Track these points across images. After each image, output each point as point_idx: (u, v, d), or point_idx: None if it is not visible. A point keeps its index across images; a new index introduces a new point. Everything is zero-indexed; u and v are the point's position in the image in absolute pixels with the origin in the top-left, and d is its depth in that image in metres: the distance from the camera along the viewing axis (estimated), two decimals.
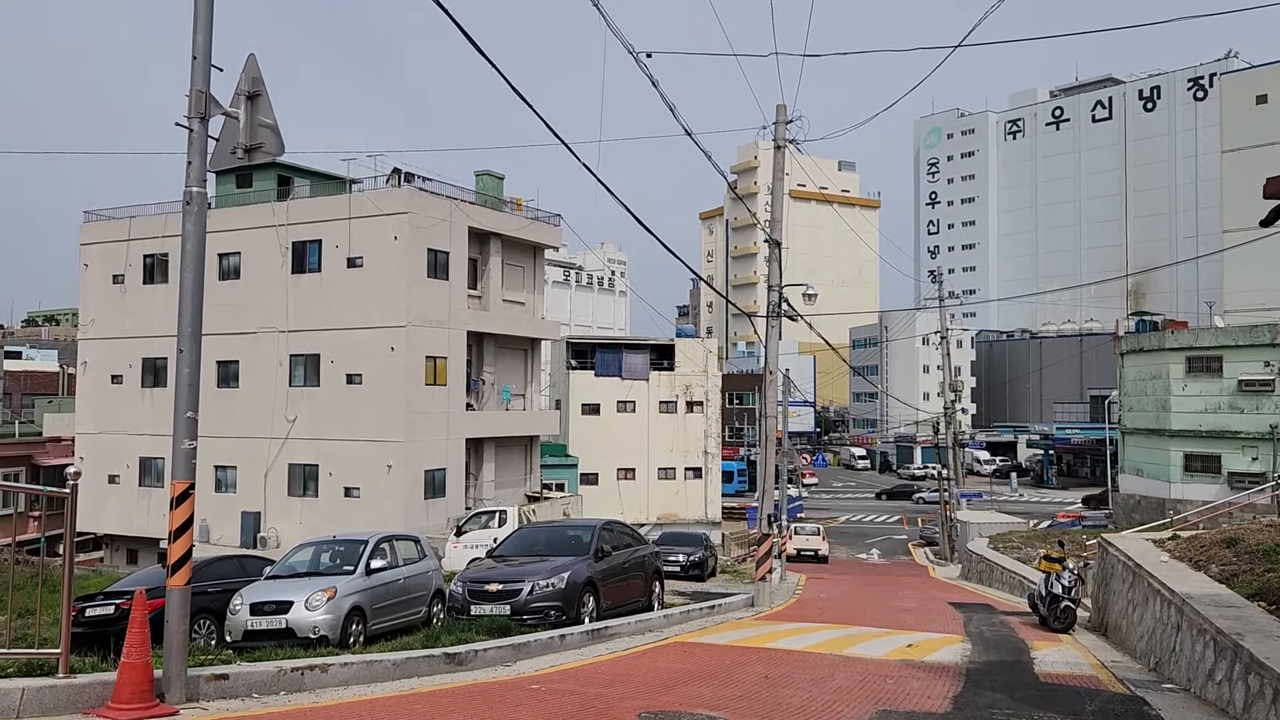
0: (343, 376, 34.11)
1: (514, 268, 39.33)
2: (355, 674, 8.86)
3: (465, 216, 35.78)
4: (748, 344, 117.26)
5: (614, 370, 55.64)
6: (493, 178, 40.27)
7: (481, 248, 37.49)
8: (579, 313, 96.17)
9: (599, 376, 55.56)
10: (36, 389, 76.51)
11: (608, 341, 60.70)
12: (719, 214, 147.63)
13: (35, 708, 6.24)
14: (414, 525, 29.28)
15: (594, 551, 14.73)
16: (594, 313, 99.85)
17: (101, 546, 39.84)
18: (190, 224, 7.52)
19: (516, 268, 39.53)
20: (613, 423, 55.15)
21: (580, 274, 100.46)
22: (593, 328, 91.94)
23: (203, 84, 7.36)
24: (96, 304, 39.94)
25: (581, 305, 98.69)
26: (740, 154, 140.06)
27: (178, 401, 7.39)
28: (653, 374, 56.35)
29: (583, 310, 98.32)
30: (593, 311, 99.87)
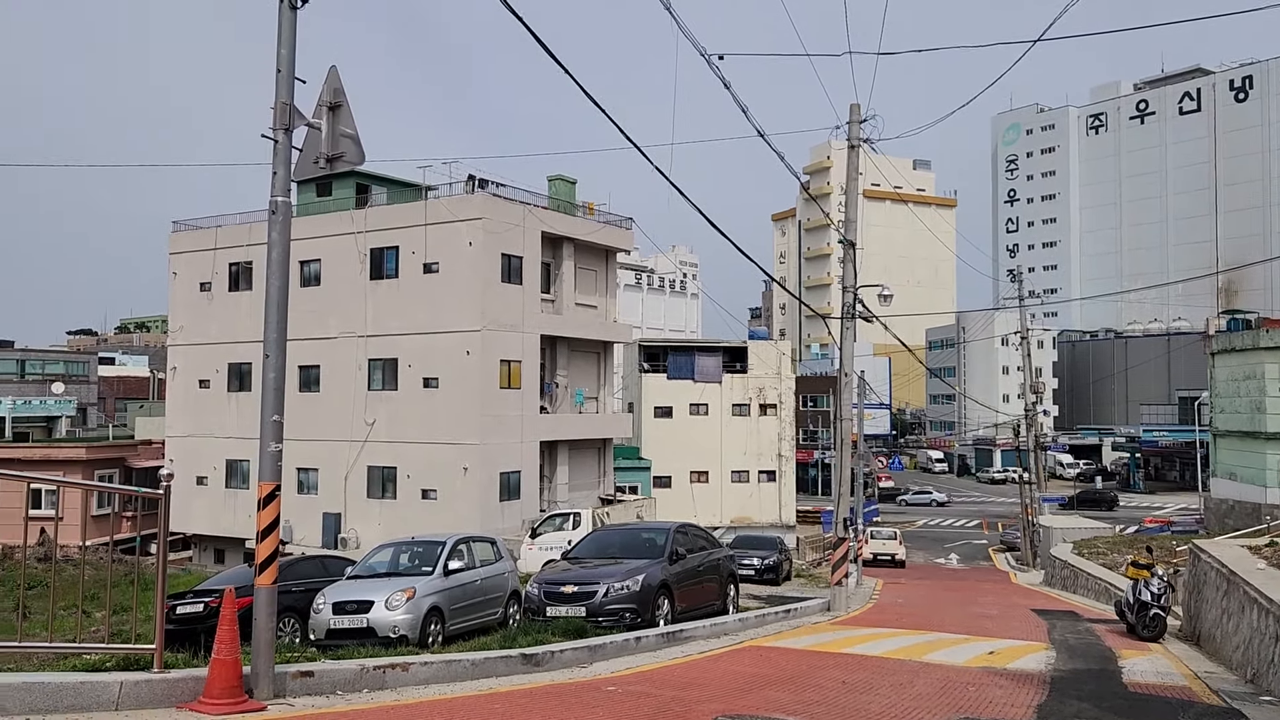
0: (420, 380, 34.68)
1: (586, 271, 39.57)
2: (435, 673, 8.99)
3: (538, 221, 36.11)
4: (821, 346, 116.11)
5: (686, 373, 55.58)
6: (565, 182, 40.58)
7: (554, 252, 37.79)
8: (651, 315, 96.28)
9: (671, 379, 55.56)
10: (129, 393, 79.44)
11: (680, 344, 60.68)
12: (791, 215, 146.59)
13: (132, 701, 6.47)
14: (489, 527, 29.63)
15: (668, 554, 14.72)
16: (666, 315, 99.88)
17: (190, 546, 41.09)
18: (276, 232, 7.71)
19: (589, 271, 39.76)
20: (685, 425, 55.09)
21: (652, 277, 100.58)
22: (665, 330, 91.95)
23: (287, 96, 7.56)
24: (185, 311, 41.28)
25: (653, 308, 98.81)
26: (813, 154, 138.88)
27: (264, 405, 7.59)
28: (725, 377, 56.14)
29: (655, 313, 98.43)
30: (665, 314, 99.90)
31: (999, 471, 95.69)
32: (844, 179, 21.28)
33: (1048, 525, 38.20)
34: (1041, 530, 39.55)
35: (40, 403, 61.08)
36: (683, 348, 58.57)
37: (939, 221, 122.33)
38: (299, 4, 7.59)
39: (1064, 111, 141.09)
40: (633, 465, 49.93)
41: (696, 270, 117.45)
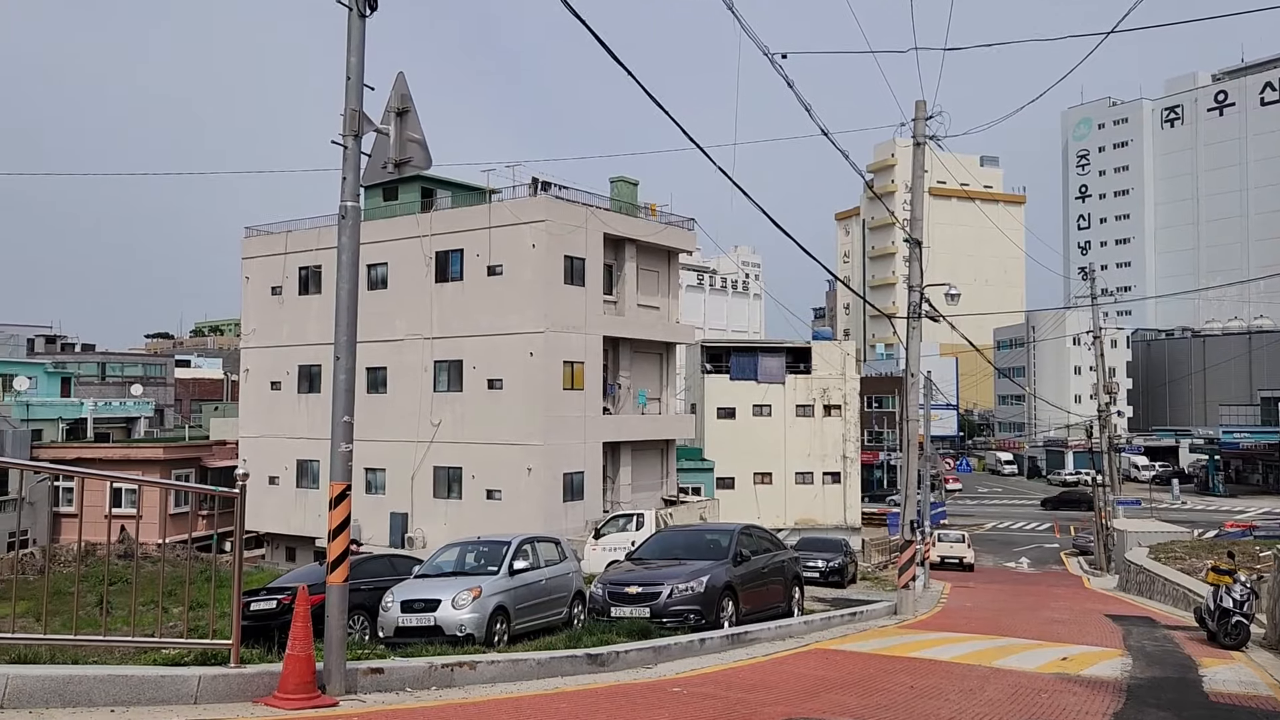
0: (484, 381, 35.04)
1: (648, 272, 39.61)
2: (502, 672, 9.07)
3: (600, 223, 36.25)
4: (886, 346, 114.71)
5: (749, 374, 55.33)
6: (627, 184, 40.68)
7: (616, 253, 37.90)
8: (713, 316, 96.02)
9: (734, 380, 55.35)
10: (203, 395, 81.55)
11: (743, 345, 60.42)
12: (855, 214, 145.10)
13: (210, 695, 6.63)
14: (553, 527, 29.82)
15: (733, 556, 14.66)
16: (728, 316, 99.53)
17: (263, 544, 42.05)
18: (345, 236, 7.85)
19: (651, 272, 39.80)
20: (749, 427, 54.86)
21: (714, 277, 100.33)
22: (727, 331, 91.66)
23: (356, 103, 7.69)
24: (257, 314, 42.26)
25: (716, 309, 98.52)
26: (877, 153, 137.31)
27: (335, 406, 7.73)
28: (789, 377, 55.77)
29: (717, 314, 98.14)
30: (727, 315, 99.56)
31: (1071, 474, 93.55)
32: (909, 177, 21.01)
33: (1122, 529, 37.24)
34: (1116, 534, 38.57)
35: (120, 404, 62.95)
36: (746, 348, 58.31)
37: (1007, 219, 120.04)
38: (367, 12, 7.72)
39: (1137, 105, 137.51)
40: (695, 466, 49.86)
41: (759, 270, 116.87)
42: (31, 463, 8.27)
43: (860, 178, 19.38)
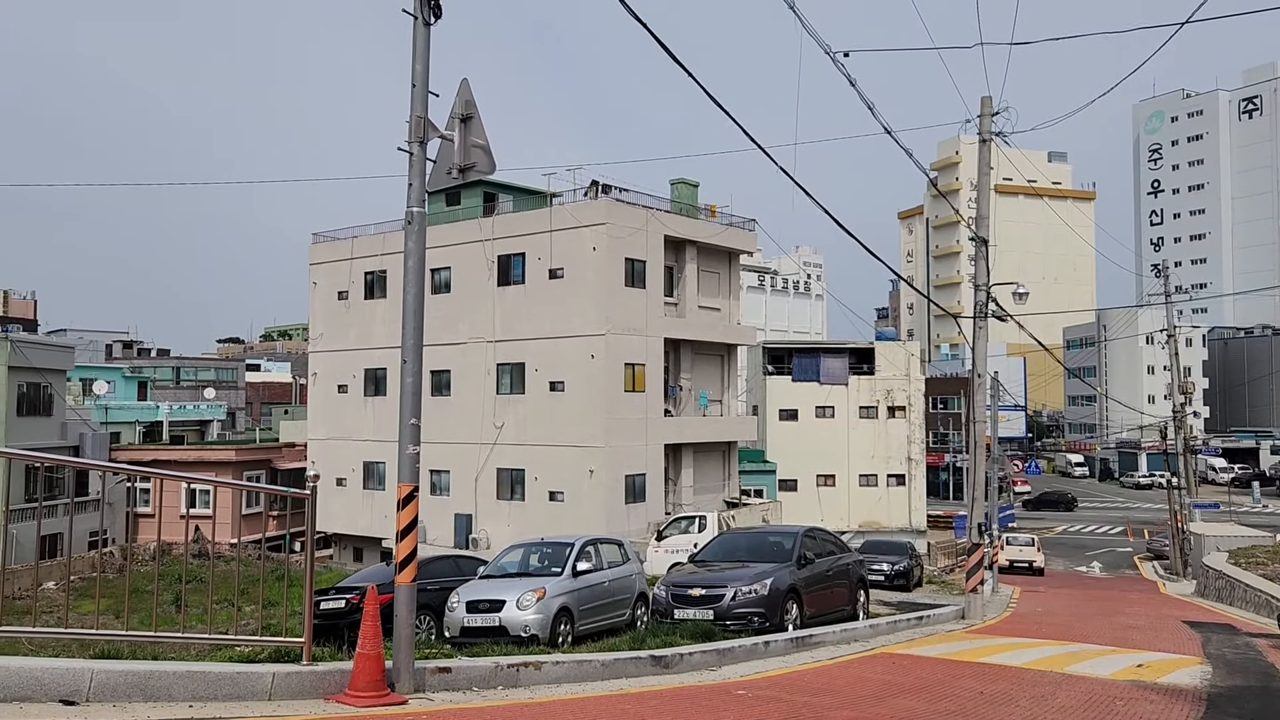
0: (546, 384, 35.27)
1: (709, 274, 39.54)
2: (566, 673, 9.12)
3: (661, 225, 36.28)
4: (951, 346, 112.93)
5: (812, 375, 54.89)
6: (687, 185, 40.65)
7: (677, 255, 37.90)
8: (774, 317, 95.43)
9: (796, 381, 54.95)
10: (273, 398, 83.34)
11: (805, 346, 59.96)
12: (918, 213, 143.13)
13: (284, 691, 6.78)
14: (615, 529, 29.90)
15: (796, 558, 14.56)
16: (790, 317, 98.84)
17: (330, 545, 42.83)
18: (412, 242, 7.96)
19: (712, 274, 39.72)
20: (811, 428, 54.42)
21: (775, 278, 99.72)
22: (789, 332, 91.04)
23: (421, 110, 7.81)
24: (324, 319, 43.08)
25: (777, 310, 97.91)
26: (940, 150, 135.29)
27: (402, 409, 7.85)
28: (852, 378, 55.21)
29: (778, 315, 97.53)
30: (788, 316, 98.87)
31: (1144, 476, 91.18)
32: (974, 174, 20.68)
33: (1199, 532, 36.16)
34: (1193, 538, 37.47)
35: (194, 407, 64.65)
36: (808, 349, 57.86)
37: (1076, 216, 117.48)
38: (432, 20, 7.82)
39: (1213, 96, 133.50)
40: (758, 468, 49.59)
41: (821, 271, 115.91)
42: (112, 464, 8.52)
43: (924, 175, 19.13)
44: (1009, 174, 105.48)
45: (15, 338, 40.77)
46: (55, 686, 5.58)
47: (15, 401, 39.56)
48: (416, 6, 7.76)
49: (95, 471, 41.68)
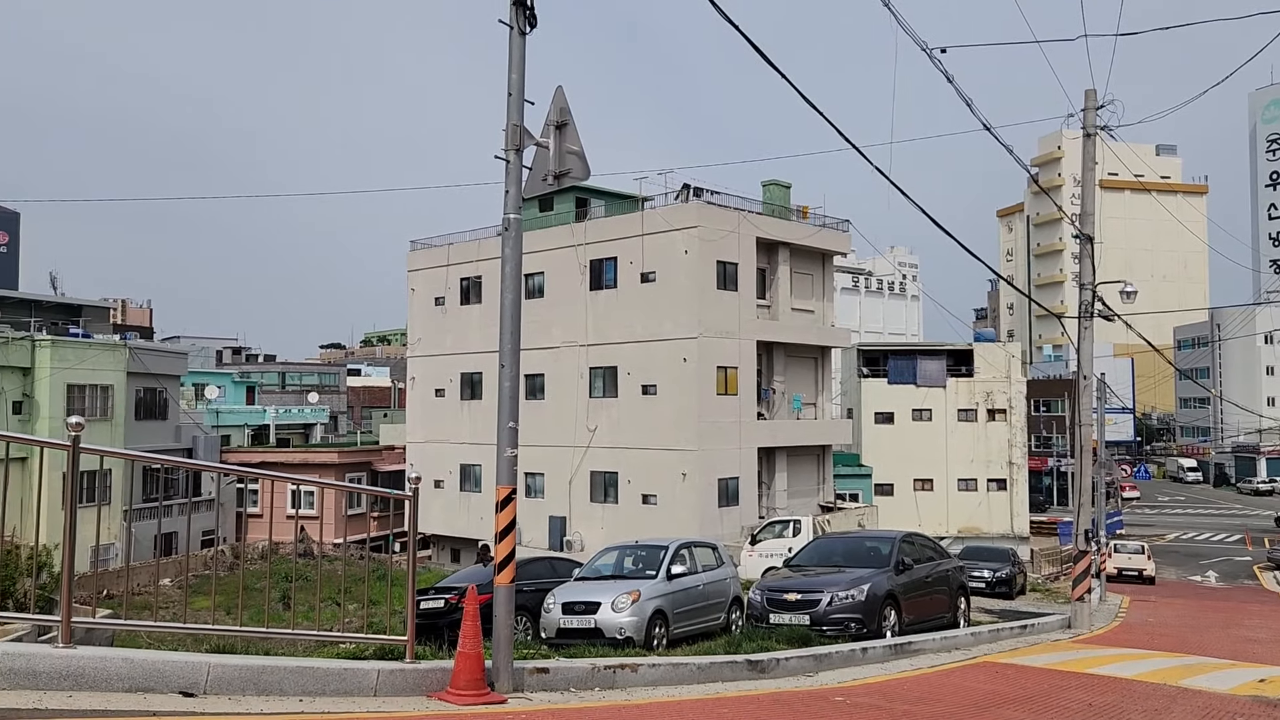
0: (639, 387, 35.40)
1: (802, 276, 39.18)
2: (662, 675, 9.14)
3: (753, 227, 36.10)
4: (1054, 347, 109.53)
5: (908, 377, 53.90)
6: (779, 186, 40.37)
7: (769, 257, 37.65)
8: (869, 319, 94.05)
9: (892, 384, 54.03)
10: (373, 402, 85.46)
11: (901, 348, 58.93)
12: (1018, 210, 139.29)
13: (388, 688, 6.95)
14: (708, 533, 29.84)
15: (894, 564, 14.31)
16: (885, 319, 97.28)
17: (428, 545, 43.75)
18: (509, 248, 8.08)
19: (805, 275, 39.35)
20: (908, 432, 53.43)
21: (870, 279, 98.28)
22: (884, 334, 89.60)
23: (517, 118, 7.92)
24: (421, 324, 44.05)
25: (871, 311, 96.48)
26: (1041, 146, 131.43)
27: (500, 412, 7.97)
28: (950, 381, 54.02)
29: (873, 316, 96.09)
30: (883, 317, 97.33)
31: (1264, 482, 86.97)
32: (1078, 169, 20.04)
33: None
34: None
35: (298, 411, 66.74)
36: (904, 351, 56.85)
37: (1187, 210, 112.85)
38: (527, 30, 7.94)
39: None
40: (853, 472, 48.93)
41: (916, 271, 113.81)
42: (227, 466, 8.85)
43: (1025, 172, 18.62)
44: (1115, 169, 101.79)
45: (133, 345, 42.72)
46: (175, 678, 5.82)
47: (134, 406, 41.44)
48: (512, 17, 7.88)
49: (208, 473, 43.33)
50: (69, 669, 5.40)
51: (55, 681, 5.33)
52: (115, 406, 39.63)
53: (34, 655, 5.36)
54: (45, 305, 46.14)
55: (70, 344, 38.39)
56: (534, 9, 7.94)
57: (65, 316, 46.09)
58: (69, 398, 37.44)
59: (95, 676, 5.48)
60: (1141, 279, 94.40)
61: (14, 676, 5.21)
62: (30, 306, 44.52)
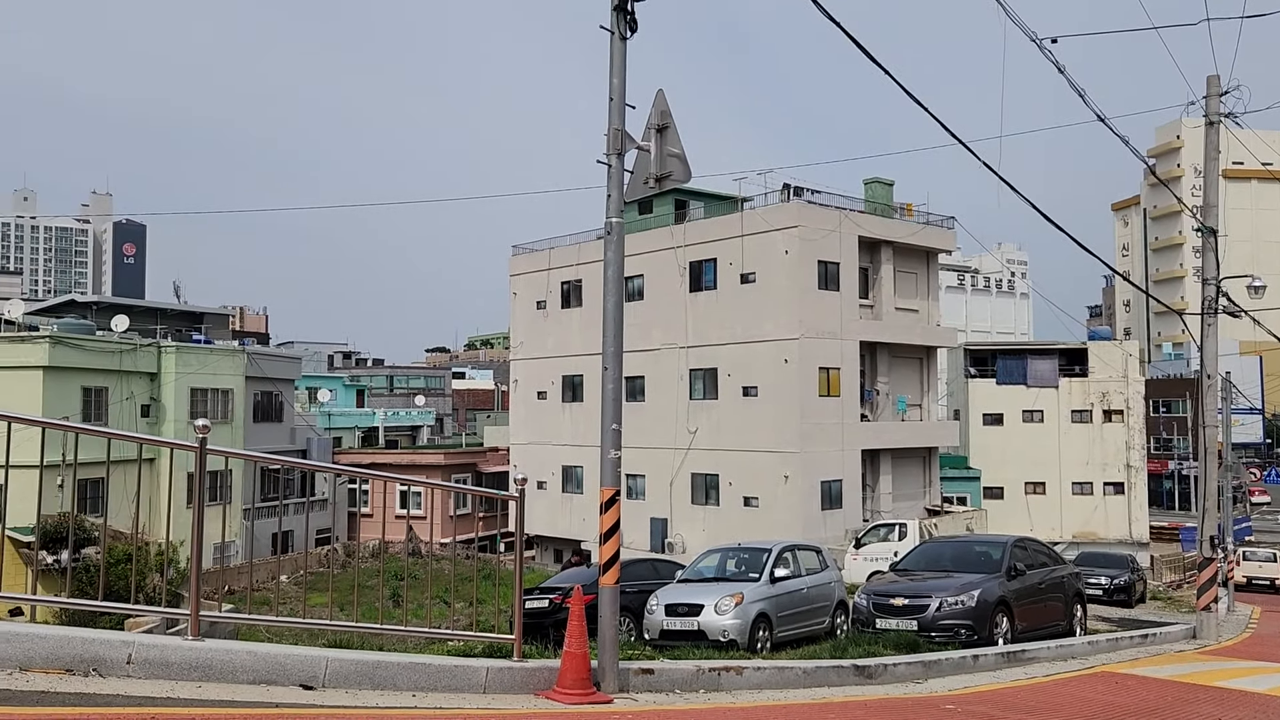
0: (739, 389, 35.25)
1: (906, 274, 38.44)
2: (767, 679, 9.07)
3: (855, 226, 35.60)
4: (1175, 345, 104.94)
5: (1018, 377, 52.35)
6: (882, 184, 39.71)
7: (872, 256, 37.06)
8: (976, 318, 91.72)
9: (1001, 385, 52.56)
10: (477, 405, 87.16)
11: (1010, 347, 57.33)
12: (1134, 203, 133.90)
13: (496, 686, 7.06)
14: (811, 535, 29.52)
15: (1006, 569, 13.90)
16: (993, 317, 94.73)
17: (532, 546, 44.38)
18: (611, 251, 8.13)
19: (908, 274, 38.60)
20: (1018, 433, 51.89)
21: (976, 277, 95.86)
22: (991, 333, 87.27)
23: (619, 122, 7.97)
24: (523, 328, 44.73)
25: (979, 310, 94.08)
26: (1158, 136, 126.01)
27: (604, 414, 8.02)
28: (1062, 380, 52.27)
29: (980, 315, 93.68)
30: (991, 316, 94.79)
31: None
32: (1199, 159, 19.17)
33: None
34: None
35: (406, 414, 68.48)
36: (1013, 351, 55.26)
37: None
38: (628, 35, 7.98)
39: None
40: (960, 475, 47.77)
41: (1025, 269, 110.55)
42: (342, 467, 9.14)
43: (1141, 163, 17.91)
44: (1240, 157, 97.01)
45: (251, 350, 44.49)
46: (296, 671, 6.03)
47: (251, 408, 43.14)
48: (613, 22, 7.93)
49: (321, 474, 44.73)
50: (198, 660, 5.65)
51: (185, 672, 5.58)
52: (235, 409, 41.31)
53: (166, 647, 5.62)
54: (170, 313, 48.43)
55: (193, 350, 40.19)
56: (634, 14, 7.98)
57: (188, 323, 48.28)
58: (192, 401, 39.18)
59: (222, 668, 5.72)
60: (1271, 273, 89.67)
61: (149, 666, 5.48)
62: (156, 314, 46.80)
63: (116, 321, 39.12)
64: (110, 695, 4.91)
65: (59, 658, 5.25)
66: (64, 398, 34.00)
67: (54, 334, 34.90)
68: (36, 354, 33.83)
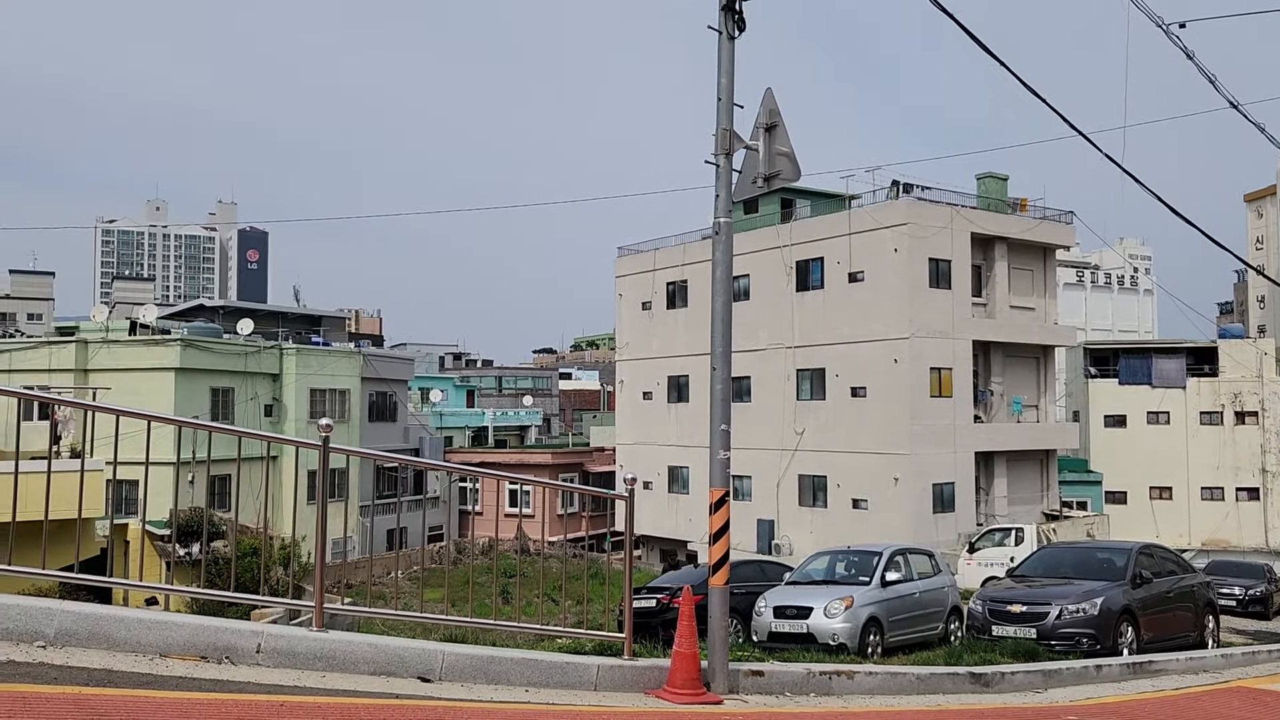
0: (847, 390, 34.74)
1: (1021, 271, 37.29)
2: (880, 684, 8.91)
3: (967, 222, 34.71)
4: None
5: (1142, 377, 50.22)
6: (995, 179, 38.62)
7: (985, 253, 36.08)
8: (1096, 316, 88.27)
9: (1124, 385, 50.51)
10: (583, 405, 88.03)
11: (1133, 346, 55.03)
12: (1269, 194, 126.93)
13: (607, 683, 7.13)
14: (922, 539, 28.88)
15: (1131, 577, 13.35)
16: (1114, 315, 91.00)
17: (638, 545, 44.56)
18: (719, 251, 8.12)
19: (1024, 271, 37.44)
20: (1142, 436, 49.78)
21: (1096, 273, 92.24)
22: (1113, 332, 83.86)
23: (727, 122, 7.95)
24: (629, 328, 44.99)
25: (1099, 307, 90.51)
26: None
27: (713, 415, 8.01)
28: (1190, 380, 49.92)
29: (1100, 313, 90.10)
30: (1112, 313, 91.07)
31: None
32: None
33: None
34: None
35: (514, 414, 69.63)
36: (1136, 349, 53.04)
37: None
38: (736, 34, 7.95)
39: None
40: (1080, 479, 46.10)
41: (1149, 264, 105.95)
42: (461, 466, 9.37)
43: (1278, 150, 16.97)
44: None
45: (366, 352, 45.92)
46: (414, 664, 6.20)
47: (367, 408, 44.50)
48: (721, 22, 7.92)
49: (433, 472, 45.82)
50: (322, 651, 5.86)
51: (310, 662, 5.79)
52: (351, 409, 42.70)
53: (294, 637, 5.85)
54: (290, 316, 50.32)
55: (312, 352, 41.69)
56: (743, 13, 7.95)
57: (307, 326, 50.11)
58: (311, 401, 40.65)
59: (344, 659, 5.92)
60: None
61: (276, 656, 5.71)
62: (278, 317, 48.70)
63: (242, 325, 40.86)
64: (242, 682, 5.14)
65: (195, 645, 5.51)
66: (193, 398, 35.67)
67: (184, 337, 36.65)
68: (169, 356, 35.59)
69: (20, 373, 34.25)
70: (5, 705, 3.82)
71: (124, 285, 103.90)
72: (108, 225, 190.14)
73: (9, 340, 39.44)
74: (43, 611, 5.21)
